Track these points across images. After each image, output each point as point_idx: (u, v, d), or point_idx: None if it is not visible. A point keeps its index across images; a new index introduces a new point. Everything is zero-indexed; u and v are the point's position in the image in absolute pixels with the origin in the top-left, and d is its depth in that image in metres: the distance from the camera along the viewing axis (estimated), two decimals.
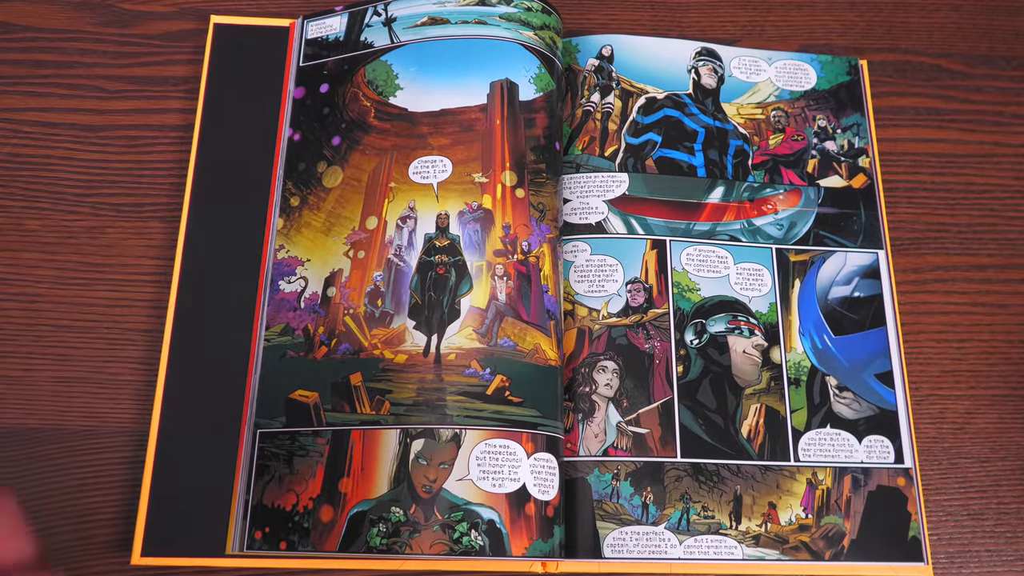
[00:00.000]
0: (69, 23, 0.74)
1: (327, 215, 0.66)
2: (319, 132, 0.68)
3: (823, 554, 0.62)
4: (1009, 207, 0.73)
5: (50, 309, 0.66)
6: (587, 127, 0.71)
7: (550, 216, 0.65)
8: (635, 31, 0.77)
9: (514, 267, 0.62)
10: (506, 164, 0.64)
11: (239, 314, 0.65)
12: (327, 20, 0.71)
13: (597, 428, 0.63)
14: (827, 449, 0.64)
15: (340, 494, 0.58)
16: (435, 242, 0.63)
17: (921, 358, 0.69)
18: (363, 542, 0.57)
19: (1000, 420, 0.67)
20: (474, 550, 0.56)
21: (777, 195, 0.71)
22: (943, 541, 0.64)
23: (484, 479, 0.58)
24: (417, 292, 0.62)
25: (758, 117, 0.74)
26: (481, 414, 0.59)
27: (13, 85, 0.71)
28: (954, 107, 0.76)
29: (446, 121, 0.66)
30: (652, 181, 0.70)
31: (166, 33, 0.74)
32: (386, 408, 0.60)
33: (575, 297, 0.66)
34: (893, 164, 0.74)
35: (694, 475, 0.63)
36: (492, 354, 0.61)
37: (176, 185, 0.69)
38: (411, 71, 0.68)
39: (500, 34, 0.67)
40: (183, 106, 0.72)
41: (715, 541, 0.61)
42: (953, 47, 0.78)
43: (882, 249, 0.70)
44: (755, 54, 0.76)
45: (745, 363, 0.66)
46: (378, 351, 0.61)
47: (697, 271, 0.68)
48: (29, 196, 0.68)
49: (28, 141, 0.70)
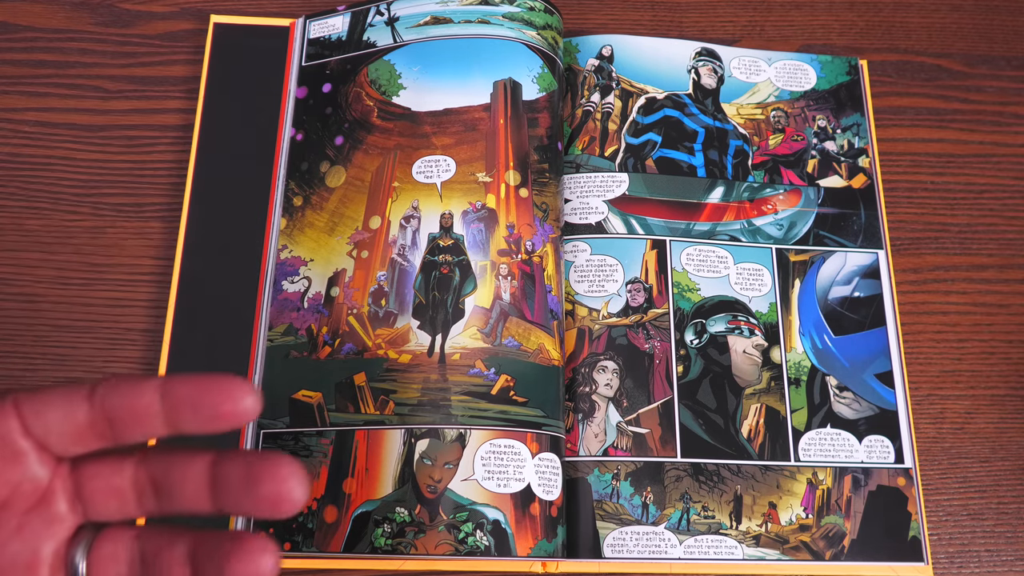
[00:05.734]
0: (69, 23, 0.74)
1: (330, 215, 0.65)
2: (322, 132, 0.68)
3: (823, 554, 0.62)
4: (1009, 207, 0.73)
5: (50, 309, 0.66)
6: (587, 127, 0.71)
7: (553, 216, 0.65)
8: (635, 31, 0.77)
9: (518, 267, 0.63)
10: (510, 164, 0.64)
11: (239, 314, 0.64)
12: (329, 20, 0.71)
13: (597, 428, 0.63)
14: (827, 449, 0.64)
15: (344, 495, 0.58)
16: (439, 241, 0.63)
17: (921, 358, 0.69)
18: (368, 542, 0.57)
19: (1000, 420, 0.67)
20: (479, 550, 0.56)
21: (777, 195, 0.71)
22: (943, 541, 0.64)
23: (489, 479, 0.58)
24: (421, 292, 0.62)
25: (758, 117, 0.74)
26: (486, 414, 0.59)
27: (13, 85, 0.71)
28: (954, 107, 0.76)
29: (449, 120, 0.66)
30: (652, 181, 0.70)
31: (166, 33, 0.74)
32: (390, 408, 0.59)
33: (575, 297, 0.66)
34: (893, 164, 0.74)
35: (694, 475, 0.63)
36: (496, 354, 0.61)
37: (176, 185, 0.69)
38: (414, 70, 0.68)
39: (503, 33, 0.67)
40: (183, 106, 0.72)
41: (715, 541, 0.62)
42: (953, 47, 0.78)
43: (882, 249, 0.70)
44: (755, 54, 0.76)
45: (745, 363, 0.66)
46: (382, 351, 0.61)
47: (697, 271, 0.68)
48: (29, 196, 0.68)
49: (28, 141, 0.70)
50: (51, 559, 0.35)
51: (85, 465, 0.36)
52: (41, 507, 0.36)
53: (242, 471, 0.34)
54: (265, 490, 0.34)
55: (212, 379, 0.34)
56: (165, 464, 0.36)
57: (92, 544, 0.36)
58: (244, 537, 0.34)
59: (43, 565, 0.35)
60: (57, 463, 0.36)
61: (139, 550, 0.36)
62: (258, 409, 0.34)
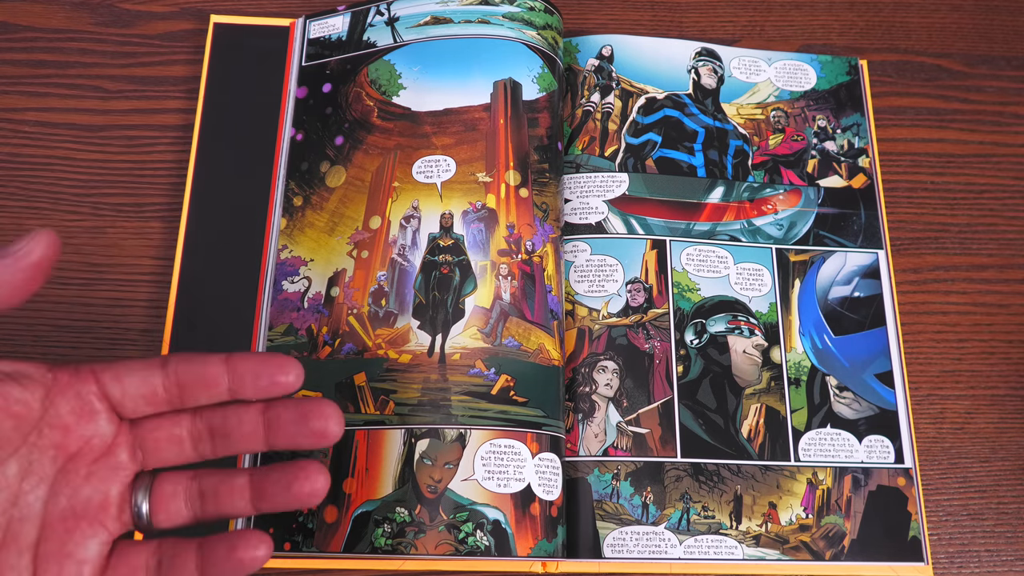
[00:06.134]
0: (69, 23, 0.74)
1: (330, 215, 0.65)
2: (322, 132, 0.68)
3: (823, 554, 0.62)
4: (1009, 207, 0.73)
5: (50, 309, 0.66)
6: (587, 127, 0.71)
7: (553, 216, 0.65)
8: (635, 31, 0.77)
9: (518, 267, 0.63)
10: (510, 164, 0.64)
11: (239, 314, 0.64)
12: (329, 20, 0.71)
13: (597, 428, 0.63)
14: (827, 449, 0.64)
15: (344, 495, 0.58)
16: (439, 241, 0.63)
17: (921, 358, 0.69)
18: (368, 542, 0.57)
19: (1000, 420, 0.67)
20: (479, 550, 0.56)
21: (777, 195, 0.71)
22: (943, 541, 0.64)
23: (489, 479, 0.58)
24: (421, 292, 0.62)
25: (758, 117, 0.74)
26: (486, 414, 0.59)
27: (13, 85, 0.71)
28: (954, 107, 0.76)
29: (449, 120, 0.66)
30: (652, 181, 0.70)
31: (166, 33, 0.74)
32: (390, 408, 0.59)
33: (575, 297, 0.66)
34: (893, 164, 0.74)
35: (694, 475, 0.63)
36: (496, 354, 0.61)
37: (176, 185, 0.69)
38: (414, 70, 0.68)
39: (503, 33, 0.67)
40: (183, 106, 0.72)
41: (715, 541, 0.62)
42: (953, 47, 0.78)
43: (882, 249, 0.70)
44: (755, 54, 0.76)
45: (745, 363, 0.66)
46: (382, 351, 0.61)
47: (697, 271, 0.68)
48: (29, 196, 0.68)
49: (28, 141, 0.70)
50: (118, 500, 0.42)
51: (147, 420, 0.43)
52: (106, 457, 0.42)
53: (293, 412, 0.42)
54: (314, 425, 0.42)
55: (269, 356, 0.42)
56: (222, 414, 0.43)
57: (151, 486, 0.43)
58: (303, 463, 0.42)
59: (112, 506, 0.42)
60: (121, 421, 0.43)
61: (197, 488, 0.43)
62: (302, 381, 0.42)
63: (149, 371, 0.42)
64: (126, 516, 0.42)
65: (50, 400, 0.41)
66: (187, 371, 0.42)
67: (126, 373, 0.42)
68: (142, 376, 0.42)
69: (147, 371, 0.42)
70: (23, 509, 0.40)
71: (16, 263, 0.39)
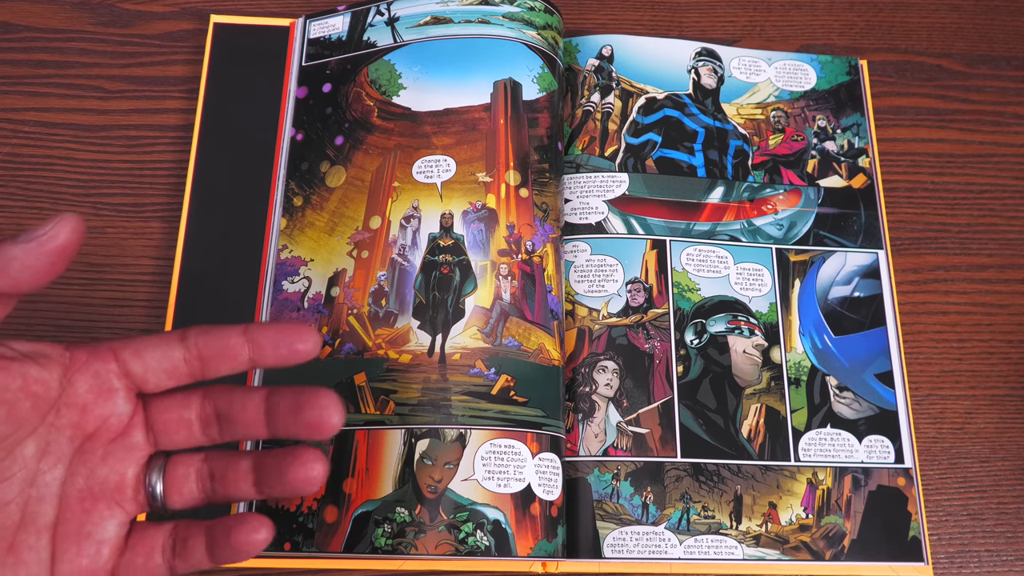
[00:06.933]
0: (69, 23, 0.74)
1: (330, 215, 0.65)
2: (322, 132, 0.68)
3: (823, 554, 0.62)
4: (1009, 207, 0.73)
5: (50, 309, 0.66)
6: (587, 127, 0.71)
7: (553, 216, 0.65)
8: (635, 31, 0.77)
9: (518, 267, 0.63)
10: (510, 163, 0.64)
11: (239, 314, 0.64)
12: (330, 20, 0.71)
13: (597, 428, 0.63)
14: (827, 449, 0.64)
15: (344, 495, 0.58)
16: (439, 241, 0.63)
17: (921, 358, 0.69)
18: (368, 543, 0.57)
19: (1000, 420, 0.67)
20: (479, 550, 0.56)
21: (777, 195, 0.71)
22: (943, 541, 0.64)
23: (489, 479, 0.58)
24: (421, 292, 0.62)
25: (758, 117, 0.74)
26: (486, 414, 0.59)
27: (13, 85, 0.71)
28: (954, 107, 0.76)
29: (449, 120, 0.66)
30: (652, 181, 0.70)
31: (166, 33, 0.74)
32: (391, 408, 0.59)
33: (575, 297, 0.66)
34: (893, 164, 0.74)
35: (694, 475, 0.63)
36: (497, 354, 0.61)
37: (176, 185, 0.69)
38: (414, 70, 0.68)
39: (503, 33, 0.67)
40: (183, 106, 0.72)
41: (715, 541, 0.61)
42: (953, 47, 0.78)
43: (882, 249, 0.70)
44: (755, 54, 0.76)
45: (745, 363, 0.66)
46: (382, 351, 0.61)
47: (697, 271, 0.68)
48: (29, 196, 0.68)
49: (28, 141, 0.70)
50: (133, 481, 0.42)
51: (158, 402, 0.43)
52: (122, 438, 0.42)
53: (290, 401, 0.42)
54: (308, 416, 0.41)
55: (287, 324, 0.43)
56: (228, 398, 0.43)
57: (165, 468, 0.43)
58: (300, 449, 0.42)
59: (128, 486, 0.42)
60: (137, 401, 0.43)
61: (207, 470, 0.44)
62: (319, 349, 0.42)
63: (169, 345, 0.42)
64: (141, 497, 0.43)
65: (68, 379, 0.41)
66: (207, 343, 0.42)
67: (146, 348, 0.42)
68: (163, 350, 0.42)
69: (167, 345, 0.42)
70: (41, 489, 0.40)
71: (40, 247, 0.38)
